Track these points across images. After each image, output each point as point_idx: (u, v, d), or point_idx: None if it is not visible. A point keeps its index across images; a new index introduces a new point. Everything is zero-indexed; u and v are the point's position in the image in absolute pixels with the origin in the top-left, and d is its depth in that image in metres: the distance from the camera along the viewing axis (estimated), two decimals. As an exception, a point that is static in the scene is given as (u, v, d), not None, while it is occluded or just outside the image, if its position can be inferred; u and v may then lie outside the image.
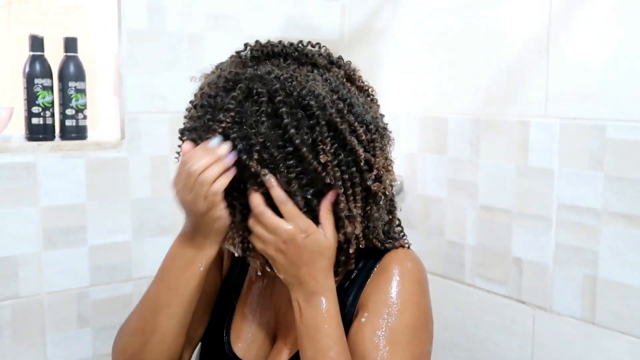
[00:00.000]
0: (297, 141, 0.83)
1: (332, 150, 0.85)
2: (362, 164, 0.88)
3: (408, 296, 0.92)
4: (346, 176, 0.87)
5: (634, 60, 1.13)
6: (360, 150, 0.87)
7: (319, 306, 0.88)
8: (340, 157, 0.86)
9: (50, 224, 1.41)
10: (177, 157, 0.96)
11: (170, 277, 0.93)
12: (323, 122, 0.84)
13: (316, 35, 1.01)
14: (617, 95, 1.16)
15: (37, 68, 1.39)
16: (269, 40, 0.95)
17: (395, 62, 1.61)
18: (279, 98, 0.84)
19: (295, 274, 0.88)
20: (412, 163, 1.58)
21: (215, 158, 0.84)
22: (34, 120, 1.40)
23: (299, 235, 0.86)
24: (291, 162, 0.84)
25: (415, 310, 0.92)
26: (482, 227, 1.41)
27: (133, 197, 1.51)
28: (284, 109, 0.84)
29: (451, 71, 1.48)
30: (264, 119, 0.84)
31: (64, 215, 1.43)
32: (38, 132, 1.41)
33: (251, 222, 0.88)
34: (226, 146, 0.84)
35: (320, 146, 0.84)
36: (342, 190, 0.87)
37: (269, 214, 0.86)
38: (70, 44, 1.44)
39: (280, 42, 0.94)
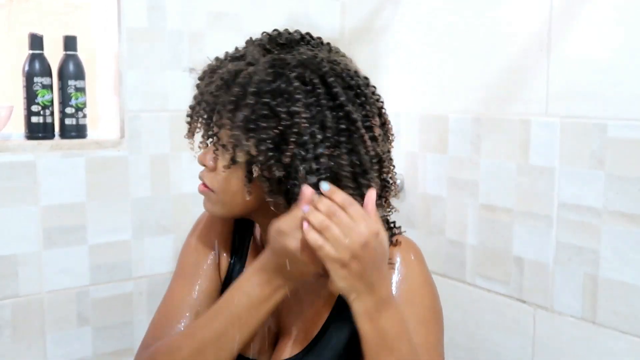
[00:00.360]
0: (354, 116, 0.85)
1: (379, 126, 0.90)
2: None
3: (422, 283, 0.95)
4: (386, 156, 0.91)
5: (636, 58, 1.13)
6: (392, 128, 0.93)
7: (397, 314, 0.84)
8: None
9: (50, 223, 1.41)
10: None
11: (242, 313, 0.85)
12: (371, 100, 0.89)
13: (316, 33, 1.01)
14: (619, 94, 1.16)
15: (36, 67, 1.39)
16: (285, 30, 0.96)
17: (396, 60, 1.61)
18: (330, 80, 0.85)
19: (367, 281, 0.81)
20: (412, 162, 1.57)
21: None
22: (34, 119, 1.40)
23: (373, 238, 0.80)
24: (344, 139, 0.85)
25: (432, 293, 0.96)
26: (483, 226, 1.41)
27: (133, 196, 1.51)
28: (338, 89, 0.85)
29: (452, 70, 1.48)
30: (323, 101, 0.85)
31: (64, 215, 1.43)
32: (38, 131, 1.40)
33: (321, 227, 0.79)
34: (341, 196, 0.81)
35: (372, 121, 0.88)
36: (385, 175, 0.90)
37: (343, 216, 0.79)
38: (69, 43, 1.43)
39: (296, 30, 0.96)
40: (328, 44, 0.97)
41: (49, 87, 1.41)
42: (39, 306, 1.42)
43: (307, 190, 0.81)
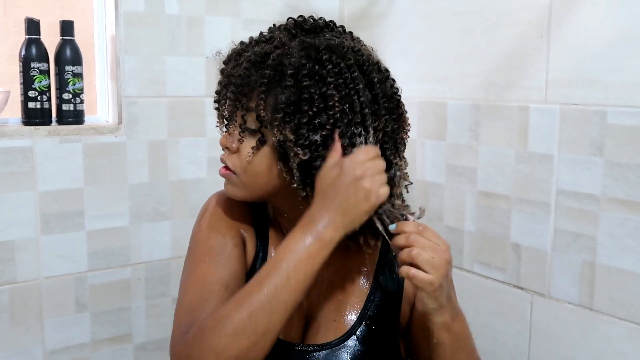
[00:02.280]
0: (361, 92, 0.88)
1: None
2: None
3: None
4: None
5: (635, 45, 1.12)
6: None
7: (464, 318, 0.93)
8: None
9: (47, 209, 1.41)
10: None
11: (291, 272, 0.83)
12: (389, 93, 0.93)
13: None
14: (618, 81, 1.15)
15: (33, 52, 1.38)
16: (310, 16, 0.96)
17: (395, 46, 1.60)
18: (353, 71, 0.88)
19: (447, 294, 0.87)
20: (411, 148, 1.57)
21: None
22: (31, 105, 1.39)
23: (450, 253, 0.86)
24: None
25: None
26: (481, 213, 1.41)
27: (131, 182, 1.51)
28: (359, 81, 0.88)
29: (450, 56, 1.47)
30: (351, 85, 0.87)
31: (62, 200, 1.42)
32: (35, 117, 1.40)
33: (410, 258, 0.84)
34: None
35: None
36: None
37: (423, 240, 0.85)
38: (66, 28, 1.43)
39: (320, 17, 0.96)
40: (350, 32, 0.98)
41: (46, 72, 1.40)
42: (37, 292, 1.42)
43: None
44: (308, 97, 0.85)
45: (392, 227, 0.87)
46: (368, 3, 1.69)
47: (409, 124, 0.98)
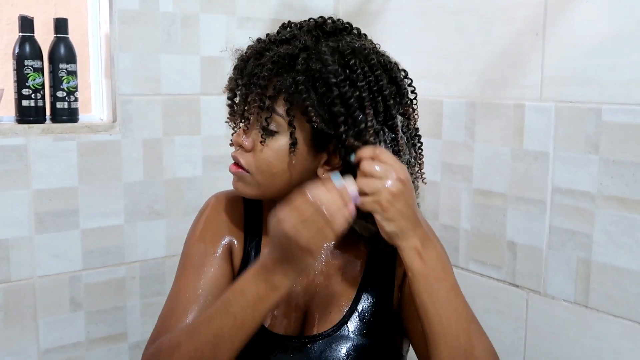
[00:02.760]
0: (393, 112, 0.91)
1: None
2: None
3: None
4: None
5: (630, 43, 1.13)
6: None
7: (438, 246, 0.90)
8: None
9: (42, 208, 1.40)
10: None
11: (237, 312, 0.85)
12: (405, 92, 0.96)
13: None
14: (613, 79, 1.15)
15: (27, 49, 1.38)
16: (330, 18, 0.98)
17: (390, 44, 1.59)
18: (377, 72, 0.91)
19: (410, 219, 0.85)
20: (406, 147, 1.57)
21: (344, 199, 0.83)
22: (25, 103, 1.39)
23: (408, 177, 0.86)
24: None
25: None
26: (477, 211, 1.41)
27: (125, 180, 1.50)
28: (383, 82, 0.92)
29: (446, 54, 1.47)
30: (375, 88, 0.91)
31: (56, 199, 1.42)
32: (29, 115, 1.39)
33: (365, 167, 0.85)
34: (353, 187, 0.84)
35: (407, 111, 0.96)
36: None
37: (385, 154, 0.85)
38: (60, 25, 1.42)
39: (338, 19, 0.98)
40: (365, 35, 1.00)
41: (40, 70, 1.39)
42: (31, 291, 1.41)
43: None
44: (344, 100, 0.87)
45: (351, 158, 0.88)
46: (363, 1, 1.68)
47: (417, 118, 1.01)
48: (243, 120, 0.95)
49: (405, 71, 0.99)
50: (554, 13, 1.24)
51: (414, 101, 0.98)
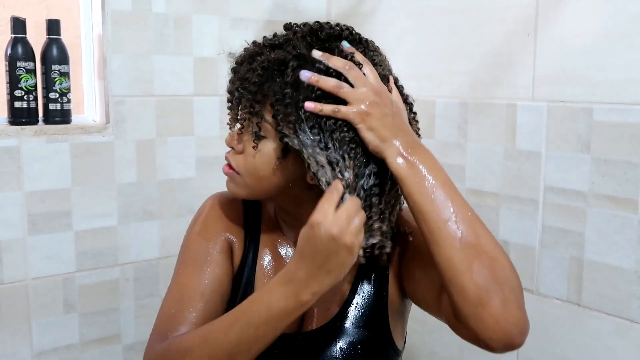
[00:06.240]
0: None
1: None
2: None
3: None
4: None
5: (621, 43, 1.13)
6: None
7: (428, 151, 0.87)
8: None
9: (34, 209, 1.40)
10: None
11: (260, 325, 0.83)
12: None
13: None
14: (605, 78, 1.16)
15: (19, 51, 1.37)
16: (328, 24, 0.96)
17: (382, 45, 1.60)
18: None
19: (393, 127, 0.84)
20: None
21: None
22: (17, 104, 1.38)
23: (384, 87, 0.87)
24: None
25: None
26: (470, 211, 1.42)
27: (119, 181, 1.50)
28: None
29: (438, 54, 1.47)
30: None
31: (49, 200, 1.41)
32: (21, 116, 1.39)
33: (333, 89, 0.85)
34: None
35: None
36: None
37: (356, 71, 0.86)
38: (53, 26, 1.41)
39: (337, 24, 0.96)
40: (366, 40, 0.98)
41: (33, 71, 1.39)
42: (24, 293, 1.41)
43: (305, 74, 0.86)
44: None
45: (344, 44, 0.90)
46: (356, 1, 1.69)
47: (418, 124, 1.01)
48: (236, 123, 0.95)
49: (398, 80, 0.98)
50: (545, 13, 1.25)
51: (413, 112, 0.98)
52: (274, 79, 0.88)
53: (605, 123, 1.16)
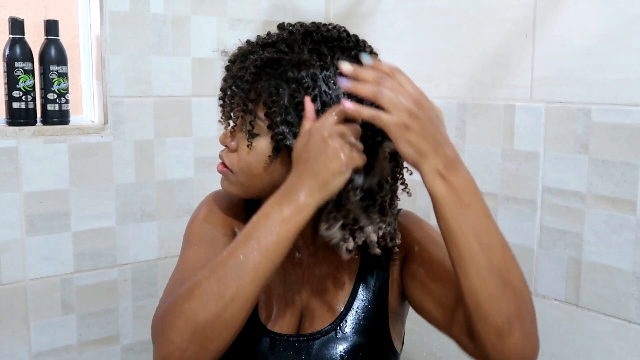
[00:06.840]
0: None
1: None
2: None
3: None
4: None
5: (619, 44, 1.14)
6: None
7: (467, 172, 0.82)
8: None
9: (32, 210, 1.40)
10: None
11: (261, 237, 0.82)
12: None
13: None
14: (603, 79, 1.16)
15: (17, 51, 1.37)
16: (324, 25, 0.96)
17: (381, 46, 1.60)
18: None
19: (431, 141, 0.80)
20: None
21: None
22: (15, 105, 1.38)
23: (423, 96, 0.82)
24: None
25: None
26: (468, 211, 1.42)
27: (117, 182, 1.50)
28: None
29: (436, 55, 1.48)
30: None
31: (47, 201, 1.41)
32: (19, 117, 1.39)
33: (373, 96, 0.81)
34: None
35: None
36: None
37: (390, 81, 0.82)
38: (51, 27, 1.41)
39: (335, 26, 0.96)
40: (363, 42, 0.98)
41: (31, 72, 1.39)
42: (22, 294, 1.41)
43: (343, 65, 0.84)
44: (318, 112, 0.86)
45: (366, 59, 0.87)
46: (354, 2, 1.69)
47: None
48: (230, 121, 0.95)
49: None
50: (543, 14, 1.25)
51: None
52: (265, 78, 0.89)
53: (604, 124, 1.16)
